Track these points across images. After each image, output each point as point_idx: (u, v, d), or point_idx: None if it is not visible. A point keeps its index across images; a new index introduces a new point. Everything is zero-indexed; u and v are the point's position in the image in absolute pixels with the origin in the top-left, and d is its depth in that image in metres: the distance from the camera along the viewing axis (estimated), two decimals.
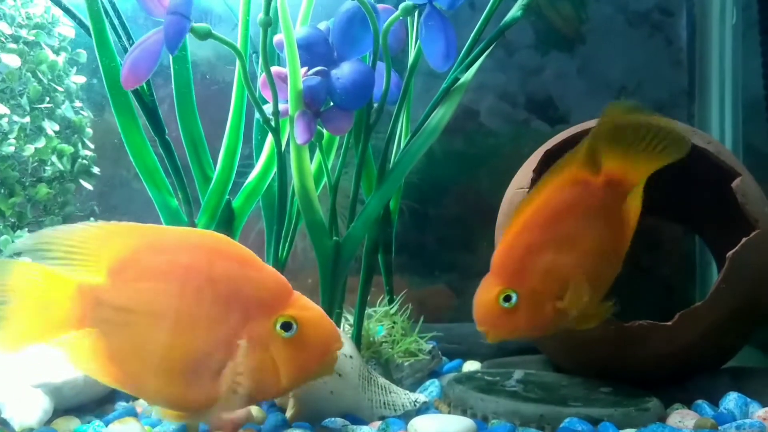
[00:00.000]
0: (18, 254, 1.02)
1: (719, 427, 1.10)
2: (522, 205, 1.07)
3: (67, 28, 1.53)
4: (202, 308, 0.95)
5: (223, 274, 0.96)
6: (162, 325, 0.95)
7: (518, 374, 1.33)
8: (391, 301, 1.47)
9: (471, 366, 1.57)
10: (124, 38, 1.25)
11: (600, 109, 1.10)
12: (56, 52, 1.51)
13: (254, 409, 1.19)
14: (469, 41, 1.29)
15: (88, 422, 1.14)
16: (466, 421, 1.11)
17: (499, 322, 1.07)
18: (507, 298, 1.05)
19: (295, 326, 0.97)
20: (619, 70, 1.83)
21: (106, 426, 1.08)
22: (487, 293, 1.07)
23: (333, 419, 1.13)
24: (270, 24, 1.15)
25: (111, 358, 0.97)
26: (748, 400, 1.20)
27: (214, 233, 1.03)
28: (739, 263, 1.21)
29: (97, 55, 1.21)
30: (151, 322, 0.95)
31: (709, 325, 1.22)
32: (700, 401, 1.22)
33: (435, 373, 1.48)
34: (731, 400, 1.19)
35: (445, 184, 1.84)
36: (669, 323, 1.22)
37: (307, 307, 0.99)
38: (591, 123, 1.39)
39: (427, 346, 1.45)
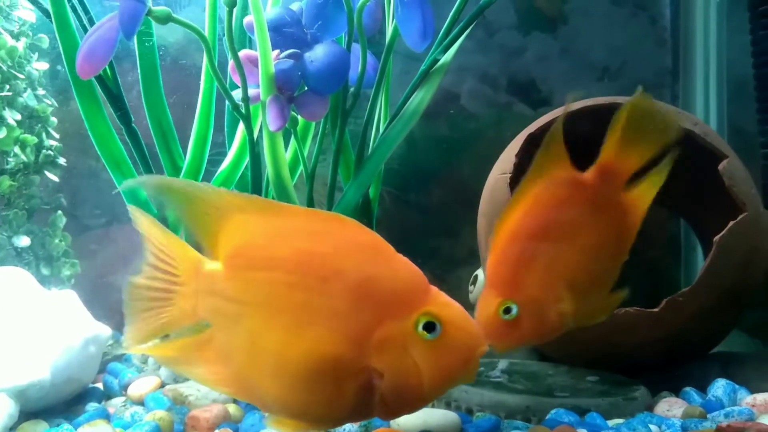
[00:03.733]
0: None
1: (708, 416, 1.08)
2: (507, 211, 1.01)
3: (26, 12, 1.46)
4: (329, 303, 0.82)
5: (353, 264, 0.83)
6: (282, 321, 0.82)
7: (503, 364, 1.31)
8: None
9: None
10: (85, 21, 1.19)
11: (583, 90, 1.06)
12: (15, 37, 1.45)
13: (231, 407, 1.15)
14: (448, 20, 1.25)
15: (57, 425, 1.09)
16: (450, 415, 1.08)
17: (503, 334, 1.01)
18: (507, 310, 1.00)
19: (439, 326, 0.83)
20: (603, 51, 1.80)
21: (76, 429, 1.04)
22: (487, 308, 1.01)
23: None
24: (235, 4, 1.10)
25: (221, 358, 0.86)
26: (737, 386, 1.19)
27: (340, 216, 0.88)
28: (727, 247, 1.18)
29: (58, 39, 1.15)
30: (269, 318, 0.83)
31: (697, 311, 1.20)
32: (687, 389, 1.20)
33: None
34: (719, 387, 1.18)
35: (426, 170, 1.80)
36: (656, 309, 1.20)
37: (449, 305, 0.85)
38: (575, 105, 1.36)
39: None
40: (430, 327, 0.83)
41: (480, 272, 1.67)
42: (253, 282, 0.84)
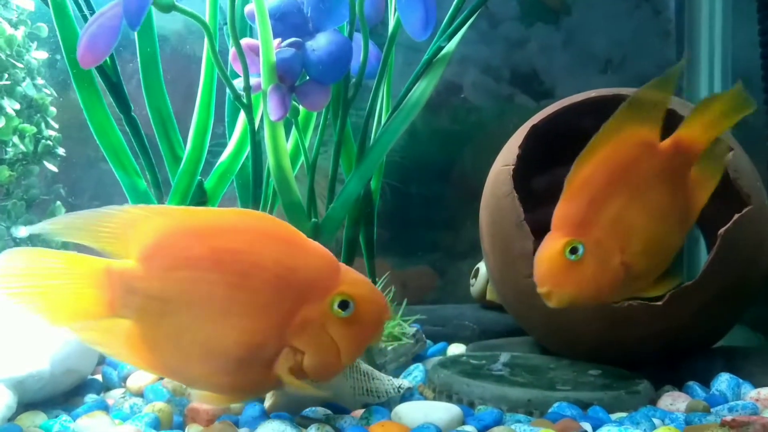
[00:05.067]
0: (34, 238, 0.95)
1: (711, 410, 1.08)
2: (580, 159, 1.03)
3: (25, 0, 1.44)
4: (250, 296, 0.89)
5: (269, 257, 0.90)
6: (207, 316, 0.89)
7: (504, 357, 1.30)
8: (373, 284, 1.42)
9: (456, 349, 1.53)
10: (84, 8, 1.18)
11: (586, 82, 1.06)
12: (14, 25, 1.43)
13: None
14: (451, 10, 1.23)
15: (56, 417, 1.09)
16: (453, 408, 1.07)
17: (564, 278, 1.02)
18: (573, 250, 1.01)
19: (352, 304, 0.92)
20: (606, 42, 1.79)
21: (74, 420, 1.03)
22: (551, 247, 1.02)
23: (314, 408, 1.09)
24: None
25: (149, 347, 0.92)
26: (741, 381, 1.18)
27: (254, 212, 0.96)
28: (732, 240, 1.17)
29: (56, 27, 1.14)
30: (194, 313, 0.89)
31: (701, 304, 1.19)
32: (691, 383, 1.20)
33: (419, 357, 1.44)
34: (723, 382, 1.17)
35: (428, 162, 1.79)
36: (660, 303, 1.18)
37: (358, 282, 0.95)
38: (578, 97, 1.35)
39: (411, 330, 1.41)
40: (344, 305, 0.92)
41: (481, 265, 1.66)
42: (174, 281, 0.89)
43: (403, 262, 1.79)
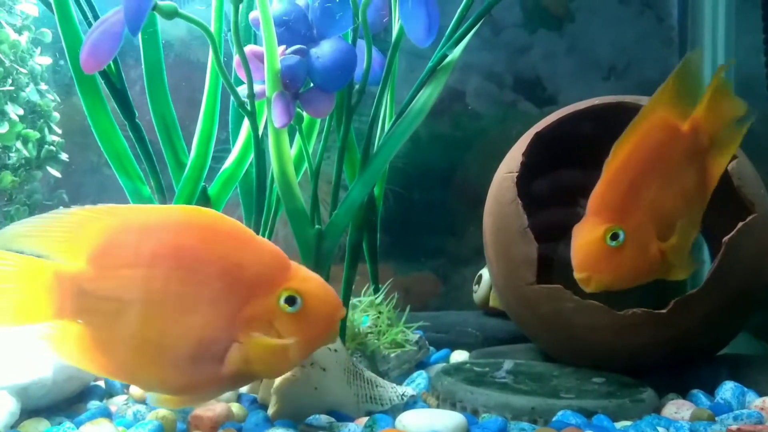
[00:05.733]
0: None
1: (716, 418, 1.07)
2: (617, 146, 1.06)
3: (29, 6, 1.45)
4: (198, 291, 0.90)
5: (217, 253, 0.90)
6: (156, 313, 0.90)
7: (508, 364, 1.30)
8: (376, 290, 1.42)
9: (459, 356, 1.53)
10: (89, 14, 1.18)
11: (589, 89, 1.08)
12: (18, 31, 1.43)
13: (235, 407, 1.14)
14: (456, 16, 1.23)
15: (59, 424, 1.08)
16: (456, 416, 1.07)
17: (604, 263, 1.04)
18: (614, 236, 1.02)
19: (299, 300, 0.92)
20: (609, 49, 1.79)
21: (78, 428, 1.03)
22: (591, 233, 1.04)
23: (317, 416, 1.09)
24: (242, 0, 1.08)
25: (100, 349, 0.92)
26: (745, 389, 1.17)
27: (199, 208, 0.96)
28: (735, 248, 1.17)
29: (60, 32, 1.14)
30: (143, 311, 0.90)
31: (705, 312, 1.19)
32: (695, 391, 1.19)
33: (422, 364, 1.44)
34: (728, 390, 1.16)
35: (431, 168, 1.79)
36: (664, 311, 1.18)
37: (308, 278, 0.95)
38: (581, 104, 1.35)
39: (414, 336, 1.41)
40: (291, 301, 0.92)
41: (484, 272, 1.66)
42: (125, 279, 0.90)
43: (405, 268, 1.79)
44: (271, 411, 1.11)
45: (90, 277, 0.90)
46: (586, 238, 1.04)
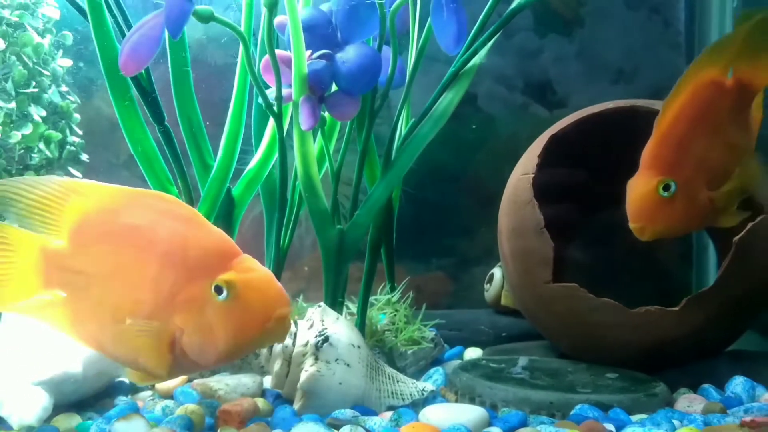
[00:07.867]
0: None
1: (728, 411, 1.11)
2: (667, 103, 1.11)
3: (51, 9, 1.47)
4: (142, 268, 0.94)
5: (165, 234, 0.94)
6: (113, 288, 0.95)
7: (523, 361, 1.33)
8: (392, 289, 1.45)
9: (472, 353, 1.56)
10: (120, 19, 1.20)
11: (598, 92, 1.11)
12: (41, 34, 1.46)
13: (260, 401, 1.17)
14: (478, 23, 1.26)
15: (89, 419, 1.11)
16: (479, 410, 1.10)
17: (657, 213, 1.10)
18: (666, 187, 1.09)
19: (226, 290, 0.92)
20: (618, 53, 1.82)
21: (110, 423, 1.05)
22: (644, 185, 1.11)
23: (342, 410, 1.11)
24: (276, 4, 1.11)
25: (79, 320, 0.98)
26: (755, 383, 1.21)
27: (161, 194, 1.01)
28: (746, 248, 1.20)
29: (94, 37, 1.16)
30: (102, 285, 0.96)
31: (716, 310, 1.23)
32: (706, 385, 1.22)
33: (438, 361, 1.47)
34: (738, 384, 1.20)
35: (443, 170, 1.82)
36: (676, 308, 1.22)
37: (249, 270, 0.95)
38: (595, 108, 1.38)
39: (430, 334, 1.44)
40: (219, 290, 0.93)
41: (496, 270, 1.69)
42: (93, 255, 0.96)
43: (417, 267, 1.82)
44: (296, 406, 1.14)
45: (68, 252, 0.97)
46: (640, 190, 1.11)
